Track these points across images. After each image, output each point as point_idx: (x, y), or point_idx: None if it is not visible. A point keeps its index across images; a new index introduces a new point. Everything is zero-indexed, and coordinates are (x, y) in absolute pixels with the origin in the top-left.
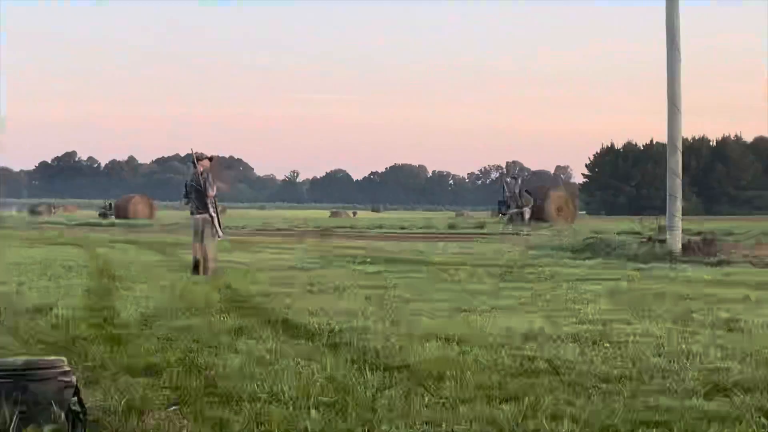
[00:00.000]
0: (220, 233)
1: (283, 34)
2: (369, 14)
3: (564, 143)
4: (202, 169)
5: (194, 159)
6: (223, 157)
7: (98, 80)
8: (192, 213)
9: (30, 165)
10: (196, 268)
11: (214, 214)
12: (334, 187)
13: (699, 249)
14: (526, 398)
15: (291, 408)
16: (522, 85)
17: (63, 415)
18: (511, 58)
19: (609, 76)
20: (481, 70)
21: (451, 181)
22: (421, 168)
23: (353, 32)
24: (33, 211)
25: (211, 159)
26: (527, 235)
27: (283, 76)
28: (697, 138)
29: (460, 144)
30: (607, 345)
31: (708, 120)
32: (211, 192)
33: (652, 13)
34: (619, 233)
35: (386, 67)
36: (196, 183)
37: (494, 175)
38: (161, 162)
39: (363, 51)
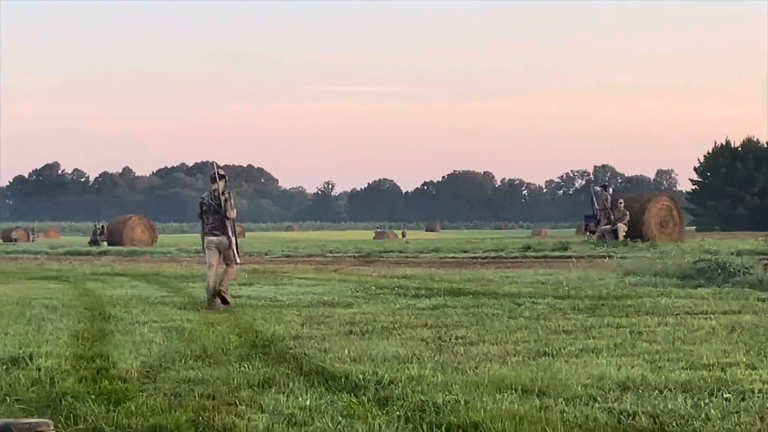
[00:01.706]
0: (238, 260)
1: (311, 13)
2: None
3: (666, 142)
4: (222, 186)
5: (216, 174)
6: (240, 167)
7: (85, 76)
8: (206, 235)
9: (2, 180)
10: (212, 299)
11: (232, 238)
12: (379, 202)
13: None
14: None
15: None
16: (611, 71)
17: None
18: (595, 38)
19: (722, 57)
20: (558, 53)
21: (525, 192)
22: (488, 176)
23: (399, 11)
24: (7, 238)
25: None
26: (622, 257)
27: (314, 67)
28: None
29: (535, 146)
30: (727, 396)
31: None
32: (232, 213)
33: None
34: (738, 254)
35: (442, 53)
36: (215, 201)
37: (579, 183)
38: (164, 174)
39: (413, 34)
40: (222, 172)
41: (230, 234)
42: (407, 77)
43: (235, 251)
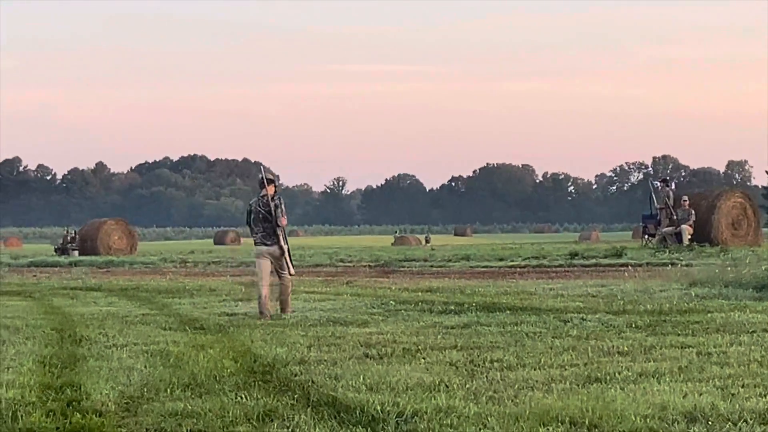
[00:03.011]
0: (292, 270)
1: None
2: None
3: (738, 128)
4: (272, 192)
5: (264, 179)
6: (234, 162)
7: (49, 55)
8: (256, 244)
9: None
10: (263, 312)
11: (285, 247)
12: (398, 202)
13: None
14: None
15: None
16: (672, 43)
17: None
18: (653, 5)
19: None
20: (609, 23)
21: (571, 188)
22: (527, 169)
23: None
24: None
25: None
26: (687, 265)
27: (321, 41)
28: None
29: (583, 134)
30: None
31: None
32: (283, 220)
33: None
34: None
35: (472, 26)
36: (264, 208)
37: (636, 177)
38: (144, 170)
39: (437, 3)
40: (271, 176)
41: (282, 243)
42: (431, 54)
43: (289, 261)
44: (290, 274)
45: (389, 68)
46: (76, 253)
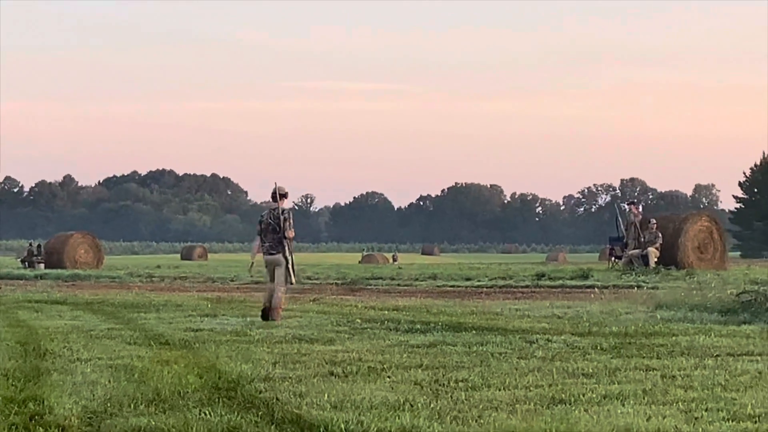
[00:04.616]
0: (293, 279)
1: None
2: None
3: (706, 152)
4: (284, 206)
5: (277, 193)
6: (203, 177)
7: (16, 66)
8: (264, 253)
9: None
10: (264, 313)
11: (289, 257)
12: (366, 220)
13: None
14: None
15: None
16: (642, 66)
17: None
18: (623, 28)
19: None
20: (579, 45)
21: (539, 209)
22: (495, 190)
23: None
24: None
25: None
26: (653, 287)
27: (291, 58)
28: None
29: (551, 155)
30: None
31: None
32: (291, 233)
33: None
34: None
35: (442, 44)
36: (274, 221)
37: (603, 199)
38: (112, 184)
39: (408, 21)
40: (284, 191)
41: (287, 254)
42: (401, 72)
43: (291, 271)
44: (291, 284)
45: (359, 86)
46: (42, 266)
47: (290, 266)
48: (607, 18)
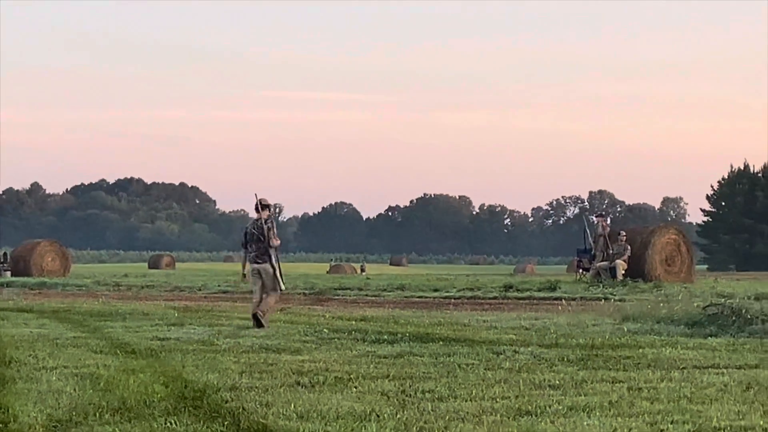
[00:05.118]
0: (282, 286)
1: (257, 4)
2: None
3: (674, 165)
4: (266, 216)
5: (258, 204)
6: (171, 186)
7: None
8: (251, 262)
9: None
10: (257, 319)
11: (275, 265)
12: (335, 230)
13: None
14: None
15: None
16: (611, 80)
17: None
18: (592, 42)
19: (741, 66)
20: (548, 58)
21: (507, 221)
22: (464, 201)
23: (362, 5)
24: None
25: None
26: (621, 300)
27: (259, 67)
28: None
29: (520, 167)
30: None
31: None
32: (275, 241)
33: None
34: (757, 298)
35: (411, 55)
36: (258, 230)
37: (572, 211)
38: (80, 192)
39: (377, 32)
40: (266, 202)
41: (273, 262)
42: (370, 83)
43: (279, 278)
44: (280, 290)
45: (328, 96)
46: (9, 274)
47: (278, 274)
48: (577, 32)
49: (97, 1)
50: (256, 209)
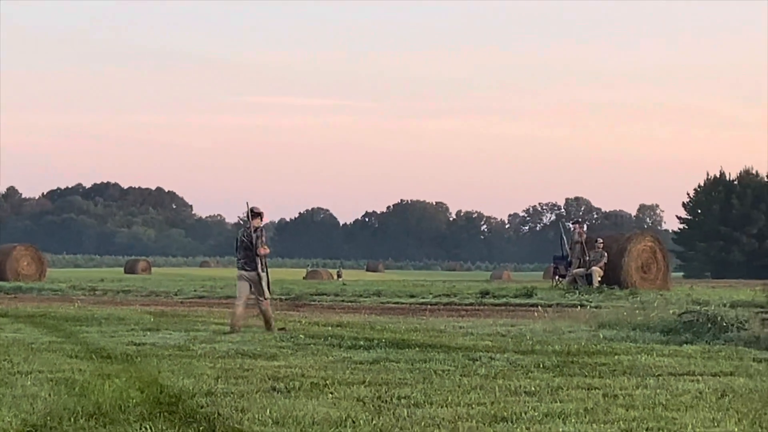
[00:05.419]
0: (267, 294)
1: (234, 8)
2: None
3: (650, 172)
4: (257, 225)
5: (249, 213)
6: (147, 191)
7: None
8: (238, 269)
9: None
10: (233, 327)
11: (263, 274)
12: (311, 235)
13: None
14: None
15: None
16: (588, 87)
17: None
18: (569, 49)
19: (717, 74)
20: (526, 65)
21: (484, 227)
22: (441, 207)
23: (338, 10)
24: None
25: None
26: (597, 307)
27: (236, 72)
28: None
29: (497, 173)
30: None
31: None
32: (262, 250)
33: None
34: (732, 305)
35: (388, 61)
36: (247, 238)
37: (548, 218)
38: (56, 196)
39: (354, 37)
40: (257, 210)
41: (260, 270)
42: (347, 88)
43: (266, 286)
44: (264, 298)
45: (305, 101)
46: None
47: (264, 283)
48: (553, 38)
49: (72, 3)
50: (247, 217)
